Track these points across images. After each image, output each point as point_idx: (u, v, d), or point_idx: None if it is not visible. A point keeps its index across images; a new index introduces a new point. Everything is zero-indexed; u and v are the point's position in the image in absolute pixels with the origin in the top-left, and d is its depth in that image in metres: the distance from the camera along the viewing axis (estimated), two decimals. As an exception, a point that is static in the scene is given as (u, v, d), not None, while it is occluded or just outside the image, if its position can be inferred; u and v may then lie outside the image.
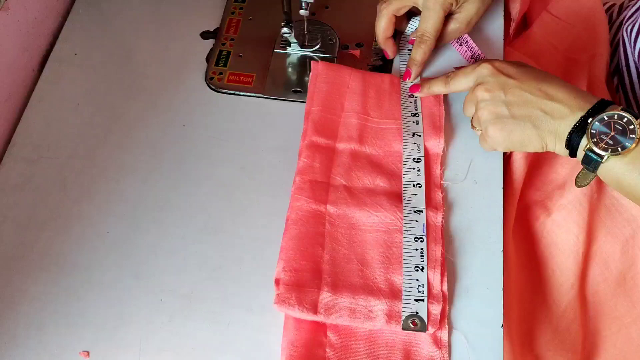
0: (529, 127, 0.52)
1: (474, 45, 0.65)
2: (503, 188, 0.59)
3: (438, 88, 0.61)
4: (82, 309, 0.53)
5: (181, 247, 0.56)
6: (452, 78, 0.59)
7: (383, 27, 0.65)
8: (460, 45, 0.66)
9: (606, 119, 0.49)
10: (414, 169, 0.58)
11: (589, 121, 0.49)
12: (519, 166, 0.61)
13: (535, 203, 0.63)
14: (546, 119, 0.51)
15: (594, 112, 0.50)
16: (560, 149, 0.52)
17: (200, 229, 0.57)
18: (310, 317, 0.51)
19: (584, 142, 0.50)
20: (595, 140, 0.49)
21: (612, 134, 0.49)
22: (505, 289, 0.59)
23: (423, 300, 0.52)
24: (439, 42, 0.64)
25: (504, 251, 0.58)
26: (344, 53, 0.68)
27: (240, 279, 0.54)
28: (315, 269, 0.53)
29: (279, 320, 0.52)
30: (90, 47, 0.68)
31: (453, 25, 0.64)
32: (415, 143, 0.60)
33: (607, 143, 0.49)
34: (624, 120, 0.49)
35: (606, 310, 0.64)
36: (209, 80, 0.66)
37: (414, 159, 0.59)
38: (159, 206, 0.58)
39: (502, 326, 0.52)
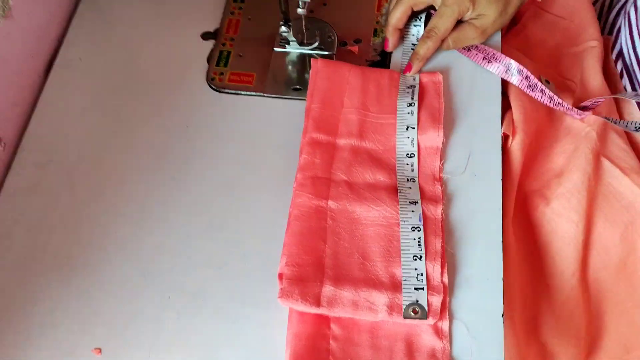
0: None
1: (485, 47, 0.65)
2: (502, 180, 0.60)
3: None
4: (93, 308, 0.54)
5: (187, 246, 0.57)
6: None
7: (398, 16, 0.65)
8: (469, 50, 0.66)
9: None
10: (407, 164, 0.59)
11: None
12: (516, 157, 0.62)
13: (534, 192, 0.64)
14: None
15: None
16: None
17: (205, 227, 0.58)
18: (314, 310, 0.52)
19: None
20: None
21: None
22: (506, 279, 0.60)
23: (422, 288, 0.53)
24: (451, 47, 0.65)
25: (505, 242, 0.59)
26: (343, 50, 0.69)
27: (245, 275, 0.56)
28: (317, 264, 0.54)
29: (284, 314, 0.53)
30: (94, 52, 0.69)
31: (468, 31, 0.64)
32: (408, 137, 0.60)
33: None
34: None
35: (608, 296, 0.64)
36: (210, 80, 0.67)
37: (408, 154, 0.60)
38: (164, 206, 0.59)
39: (502, 315, 0.53)
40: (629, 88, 0.71)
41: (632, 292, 0.64)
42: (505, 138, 0.64)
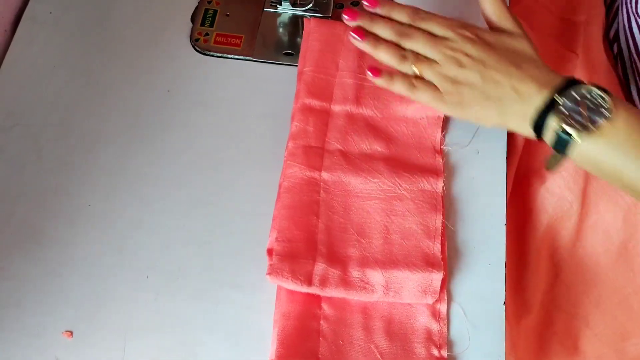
0: (493, 107, 0.49)
1: None
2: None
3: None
4: (63, 286, 0.50)
5: (166, 221, 0.53)
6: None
7: None
8: None
9: (577, 97, 0.46)
10: None
11: (557, 99, 0.46)
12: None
13: (532, 171, 0.61)
14: (514, 99, 0.48)
15: (563, 89, 0.47)
16: (525, 129, 0.49)
17: (186, 201, 0.54)
18: (305, 289, 0.49)
19: (552, 122, 0.46)
20: (564, 119, 0.46)
21: (583, 112, 0.46)
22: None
23: None
24: None
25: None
26: (339, 12, 0.64)
27: (228, 254, 0.52)
28: (309, 239, 0.51)
29: (269, 297, 0.50)
30: (66, 5, 0.64)
31: None
32: None
33: (577, 121, 0.45)
34: (596, 97, 0.46)
35: (606, 281, 0.62)
36: (194, 41, 0.62)
37: None
38: (141, 177, 0.55)
39: (504, 303, 0.50)
40: (620, 73, 0.67)
41: (632, 278, 0.62)
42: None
